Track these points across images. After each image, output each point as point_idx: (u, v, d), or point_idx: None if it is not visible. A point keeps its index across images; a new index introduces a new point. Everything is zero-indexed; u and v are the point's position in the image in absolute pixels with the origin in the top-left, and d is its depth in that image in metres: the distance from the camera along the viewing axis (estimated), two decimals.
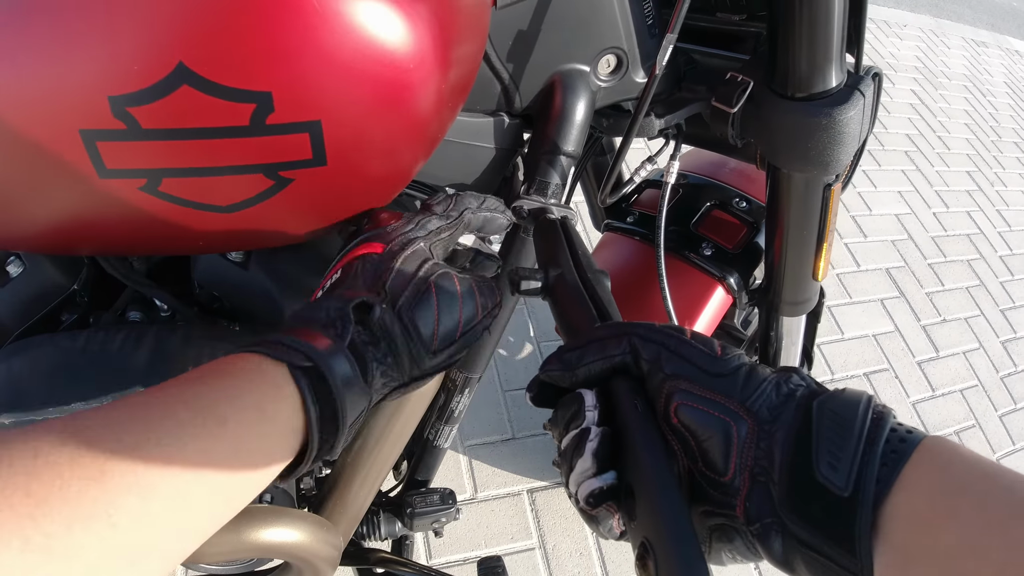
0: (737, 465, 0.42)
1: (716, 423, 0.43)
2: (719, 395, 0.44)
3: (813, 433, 0.40)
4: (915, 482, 0.37)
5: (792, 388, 0.44)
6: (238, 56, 0.43)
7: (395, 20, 0.46)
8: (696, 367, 0.45)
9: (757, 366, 0.45)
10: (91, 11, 0.43)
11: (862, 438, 0.39)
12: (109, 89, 0.44)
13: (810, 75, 0.71)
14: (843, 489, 0.38)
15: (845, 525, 0.38)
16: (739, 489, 0.42)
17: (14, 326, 0.73)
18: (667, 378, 0.45)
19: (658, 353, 0.46)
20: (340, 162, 0.51)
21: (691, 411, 0.44)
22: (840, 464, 0.39)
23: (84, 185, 0.50)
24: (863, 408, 0.41)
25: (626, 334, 0.47)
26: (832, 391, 0.43)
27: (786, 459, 0.41)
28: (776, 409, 0.43)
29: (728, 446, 0.43)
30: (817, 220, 0.88)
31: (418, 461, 1.19)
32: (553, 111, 0.74)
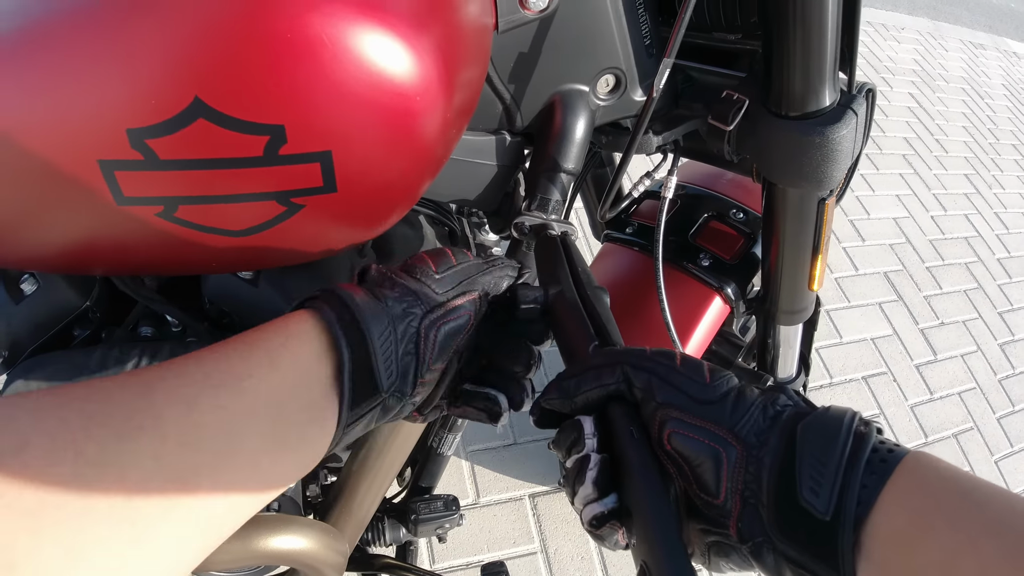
0: (728, 489, 0.44)
1: (706, 450, 0.45)
2: (708, 423, 0.46)
3: (796, 458, 0.42)
4: (894, 501, 0.39)
5: (779, 410, 0.46)
6: (252, 91, 0.45)
7: (401, 53, 0.48)
8: (686, 395, 0.47)
9: (745, 388, 0.47)
10: (111, 48, 0.45)
11: (842, 462, 0.41)
12: (128, 122, 0.46)
13: (804, 95, 0.72)
14: (824, 513, 0.40)
15: (829, 546, 0.40)
16: (731, 511, 0.44)
17: (29, 342, 0.75)
18: (659, 406, 0.47)
19: (649, 381, 0.48)
20: (349, 188, 0.53)
21: (682, 438, 0.46)
22: (821, 489, 0.40)
23: (101, 211, 0.52)
24: (844, 430, 0.42)
25: (619, 363, 0.50)
26: (817, 411, 0.45)
27: (772, 483, 0.43)
28: (763, 433, 0.45)
29: (719, 471, 0.45)
30: (812, 233, 0.90)
31: (422, 468, 1.20)
32: (553, 129, 0.76)
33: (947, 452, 2.46)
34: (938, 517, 0.37)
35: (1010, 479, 2.48)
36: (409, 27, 0.48)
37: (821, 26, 0.67)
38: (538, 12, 0.67)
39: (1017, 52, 5.98)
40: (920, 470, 0.40)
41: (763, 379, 1.28)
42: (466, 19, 0.58)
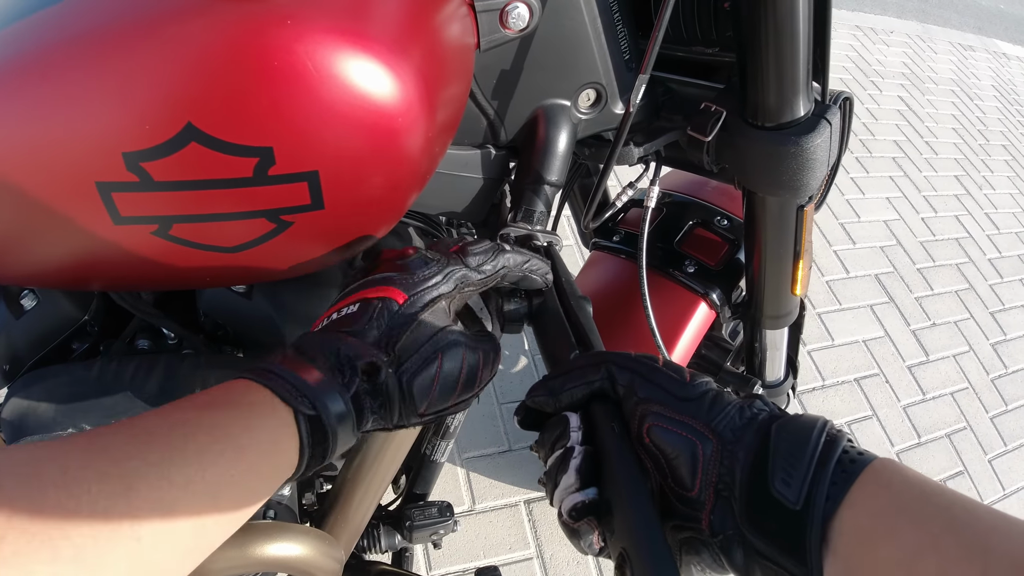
0: (702, 481, 0.46)
1: (684, 442, 0.47)
2: (687, 416, 0.48)
3: (770, 452, 0.44)
4: (861, 500, 0.41)
5: (755, 412, 0.48)
6: (241, 116, 0.48)
7: (383, 75, 0.51)
8: (667, 391, 0.49)
9: (723, 392, 0.50)
10: (108, 76, 0.47)
11: (814, 458, 0.43)
12: (123, 146, 0.48)
13: (778, 106, 0.75)
14: (795, 503, 0.42)
15: (797, 537, 0.42)
16: (704, 503, 0.46)
17: (29, 356, 0.77)
18: (640, 401, 0.49)
19: (632, 379, 0.51)
20: (337, 205, 0.55)
21: (661, 431, 0.48)
22: (793, 481, 0.43)
23: (99, 230, 0.54)
24: (817, 432, 0.45)
25: (604, 362, 0.52)
26: (791, 416, 0.47)
27: (745, 476, 0.45)
28: (739, 430, 0.47)
29: (694, 464, 0.47)
30: (792, 239, 0.92)
31: (416, 475, 1.22)
32: (537, 143, 0.78)
33: (940, 452, 2.48)
34: (902, 517, 0.39)
35: (1004, 478, 2.49)
36: (390, 51, 0.51)
37: (793, 39, 0.69)
38: (518, 31, 0.69)
39: (1007, 53, 6.01)
40: (886, 473, 0.42)
41: (751, 382, 1.30)
42: (447, 40, 0.61)
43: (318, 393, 0.49)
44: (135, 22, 0.47)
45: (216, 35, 0.46)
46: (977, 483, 2.44)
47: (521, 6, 0.68)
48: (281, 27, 0.46)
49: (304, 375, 0.50)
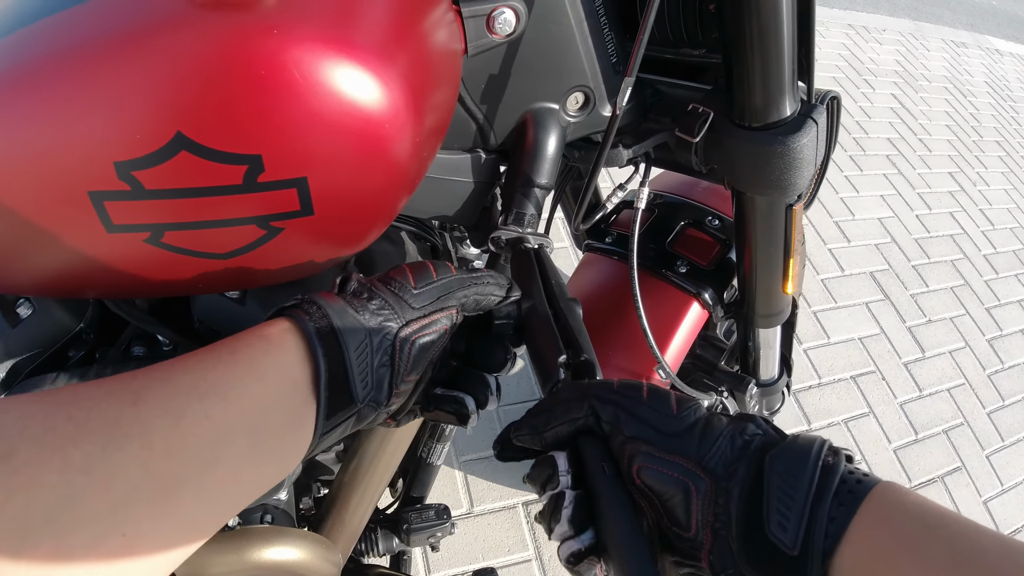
0: (699, 522, 0.45)
1: (676, 483, 0.46)
2: (677, 456, 0.46)
3: (764, 491, 0.43)
4: (861, 536, 0.40)
5: (747, 439, 0.46)
6: (230, 124, 0.48)
7: (369, 83, 0.51)
8: (652, 428, 0.48)
9: (713, 417, 0.48)
10: (98, 87, 0.48)
11: (809, 496, 0.42)
12: (115, 155, 0.49)
13: (764, 106, 0.75)
14: (792, 548, 0.41)
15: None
16: (703, 543, 0.45)
17: (25, 364, 0.77)
18: (627, 440, 0.48)
19: (616, 415, 0.49)
20: (326, 211, 0.56)
21: (652, 472, 0.47)
22: (789, 524, 0.41)
23: (92, 239, 0.55)
24: (812, 462, 0.43)
25: (586, 396, 0.50)
26: (786, 441, 0.46)
27: (741, 515, 0.44)
28: (732, 464, 0.45)
29: (689, 505, 0.45)
30: (782, 238, 0.93)
31: (413, 478, 1.23)
32: (526, 146, 0.79)
33: (938, 449, 2.48)
34: (903, 552, 0.38)
35: (1002, 474, 2.50)
36: (376, 58, 0.52)
37: (777, 40, 0.70)
38: (505, 36, 0.70)
39: (999, 49, 6.03)
40: (887, 504, 0.41)
41: (745, 381, 1.31)
42: (434, 46, 0.61)
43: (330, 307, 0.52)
44: (124, 34, 0.47)
45: (204, 45, 0.47)
46: (975, 479, 2.44)
47: (507, 11, 0.69)
48: (268, 37, 0.47)
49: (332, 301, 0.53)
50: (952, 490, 2.38)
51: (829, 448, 0.45)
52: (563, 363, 0.59)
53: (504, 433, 0.55)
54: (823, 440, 0.45)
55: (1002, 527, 2.34)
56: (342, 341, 0.51)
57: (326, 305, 0.52)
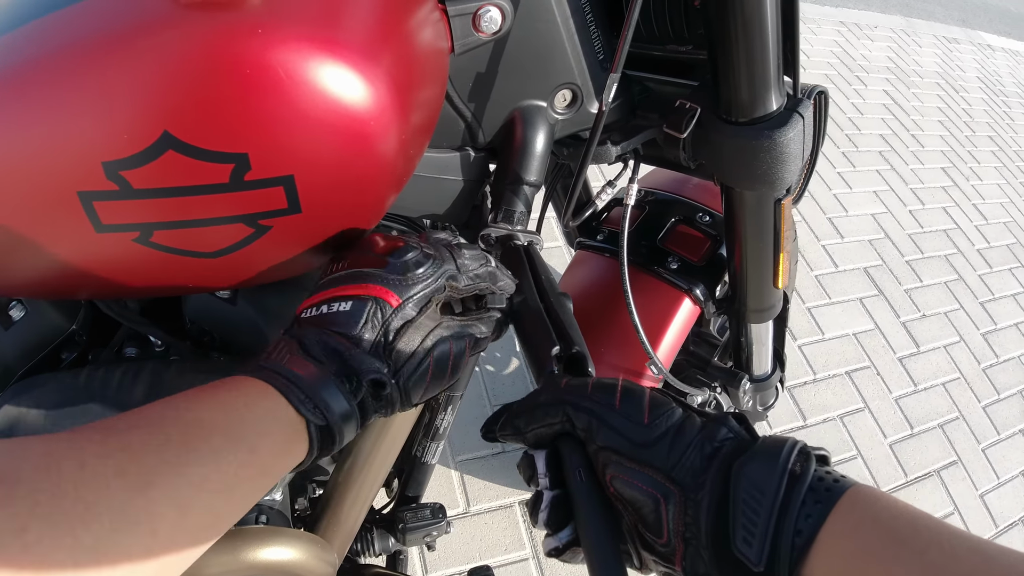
0: (670, 530, 0.46)
1: (646, 495, 0.47)
2: (646, 467, 0.47)
3: (730, 505, 0.43)
4: (830, 546, 0.40)
5: (716, 447, 0.47)
6: (216, 123, 0.49)
7: (354, 81, 0.52)
8: (624, 437, 0.48)
9: (685, 423, 0.49)
10: (86, 88, 0.48)
11: (773, 511, 0.42)
12: (103, 156, 0.49)
13: (751, 101, 0.76)
14: (757, 564, 0.41)
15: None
16: (675, 550, 0.46)
17: (19, 366, 0.77)
18: (600, 449, 0.49)
19: (589, 423, 0.50)
20: (313, 209, 0.56)
21: (623, 483, 0.48)
22: (754, 540, 0.41)
23: (82, 239, 0.55)
24: (779, 473, 0.43)
25: (561, 402, 0.51)
26: (755, 447, 0.46)
27: (709, 527, 0.44)
28: (700, 474, 0.46)
29: (659, 514, 0.46)
30: (771, 233, 0.94)
31: (408, 478, 1.23)
32: (515, 144, 0.79)
33: (933, 443, 2.49)
34: (873, 564, 0.38)
35: (998, 467, 2.51)
36: (360, 56, 0.52)
37: (762, 35, 0.71)
38: (492, 35, 0.71)
39: (991, 45, 6.05)
40: (857, 511, 0.40)
41: (738, 377, 1.32)
42: (420, 44, 0.62)
43: (330, 404, 0.52)
44: (110, 35, 0.48)
45: (189, 45, 0.47)
46: (971, 472, 2.45)
47: (493, 10, 0.69)
48: (252, 36, 0.48)
49: (313, 381, 0.52)
50: (948, 484, 2.38)
51: (799, 453, 0.44)
52: (556, 355, 0.60)
53: (491, 418, 0.57)
54: (793, 444, 0.45)
55: (999, 520, 2.35)
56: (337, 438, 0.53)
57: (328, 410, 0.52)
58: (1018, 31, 7.15)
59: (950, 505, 2.31)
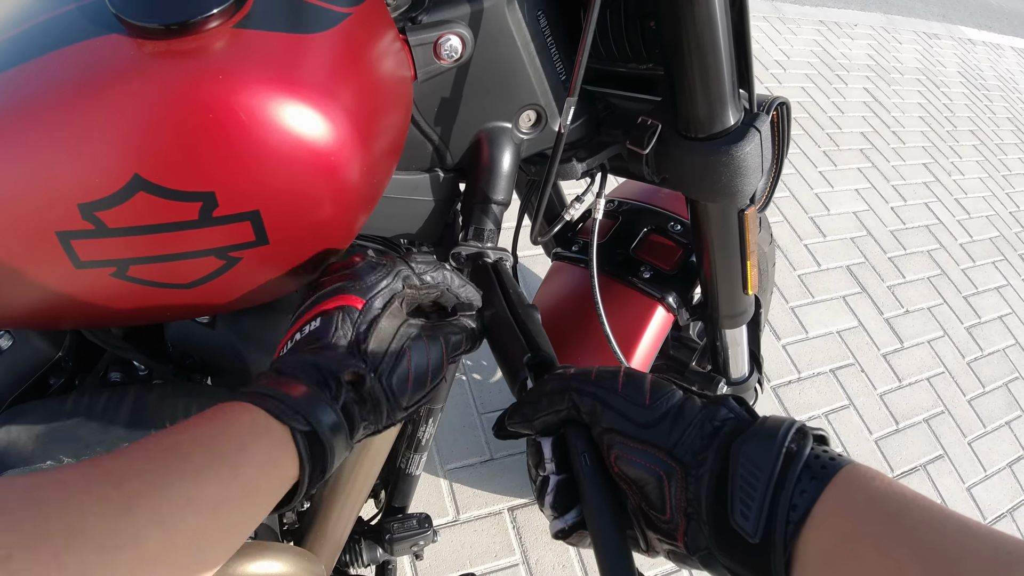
0: (672, 507, 0.48)
1: (649, 472, 0.49)
2: (649, 446, 0.49)
3: (729, 480, 0.45)
4: (824, 522, 0.41)
5: (717, 426, 0.49)
6: (183, 165, 0.52)
7: (313, 117, 0.54)
8: (627, 419, 0.51)
9: (687, 404, 0.51)
10: (59, 136, 0.51)
11: (770, 486, 0.43)
12: (78, 198, 0.52)
13: (708, 118, 0.79)
14: (753, 536, 0.43)
15: (763, 564, 0.43)
16: (677, 526, 0.48)
17: (8, 393, 0.80)
18: (604, 431, 0.51)
19: (593, 407, 0.52)
20: (281, 240, 0.59)
21: (627, 462, 0.50)
22: (751, 513, 0.43)
23: (62, 275, 0.58)
24: (776, 450, 0.45)
25: (566, 389, 0.54)
26: (754, 426, 0.48)
27: (709, 502, 0.46)
28: (701, 452, 0.48)
29: (662, 491, 0.48)
30: (737, 242, 0.96)
31: (393, 489, 1.25)
32: (482, 165, 0.82)
33: (919, 437, 2.52)
34: (865, 540, 0.39)
35: (985, 460, 2.54)
36: (319, 94, 0.55)
37: (715, 55, 0.73)
38: (453, 62, 0.73)
39: (972, 39, 6.10)
40: (851, 489, 0.42)
41: (715, 380, 1.34)
42: (381, 74, 0.64)
43: (309, 408, 0.53)
44: (80, 84, 0.50)
45: (155, 93, 0.50)
46: (958, 466, 2.48)
47: (453, 38, 0.72)
48: (214, 81, 0.50)
49: (292, 392, 0.53)
50: (935, 478, 2.41)
51: (797, 432, 0.46)
52: (527, 362, 0.63)
53: (502, 416, 0.59)
54: (791, 423, 0.46)
55: (987, 513, 2.38)
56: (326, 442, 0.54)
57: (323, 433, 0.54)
58: (998, 24, 7.22)
59: (937, 498, 2.32)
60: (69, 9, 0.56)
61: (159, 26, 0.50)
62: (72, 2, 0.56)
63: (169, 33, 0.51)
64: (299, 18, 0.57)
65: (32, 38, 0.55)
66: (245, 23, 0.53)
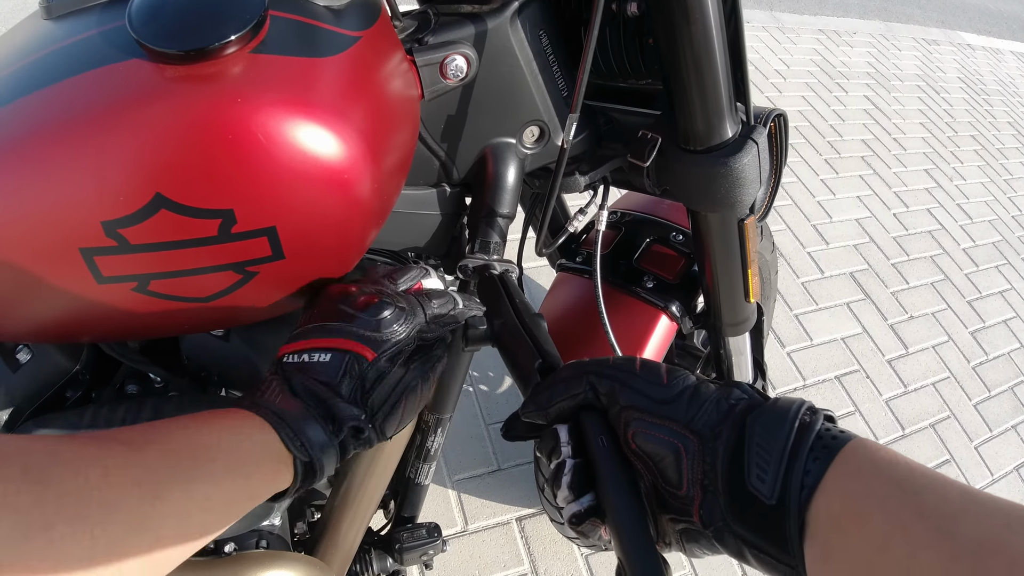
0: (689, 479, 0.50)
1: (667, 445, 0.50)
2: (667, 420, 0.51)
3: (745, 448, 0.47)
4: (834, 488, 0.43)
5: (732, 404, 0.51)
6: (203, 184, 0.54)
7: (327, 137, 0.57)
8: (646, 396, 0.52)
9: (701, 385, 0.53)
10: (85, 156, 0.53)
11: (785, 451, 0.45)
12: (102, 216, 0.54)
13: (706, 131, 0.81)
14: (769, 498, 0.45)
15: (777, 528, 0.44)
16: (693, 499, 0.49)
17: (26, 405, 0.82)
18: (623, 409, 0.53)
19: (612, 387, 0.54)
20: (296, 254, 0.61)
21: (645, 437, 0.51)
22: (767, 476, 0.45)
23: (84, 290, 0.60)
24: (790, 420, 0.47)
25: (584, 372, 0.56)
26: (767, 403, 0.50)
27: (725, 470, 0.48)
28: (717, 426, 0.50)
29: (679, 464, 0.50)
30: (738, 251, 0.98)
31: (403, 499, 1.27)
32: (487, 179, 0.84)
33: (925, 442, 2.52)
34: (871, 502, 0.41)
35: (992, 463, 2.53)
36: (332, 115, 0.57)
37: (712, 69, 0.75)
38: (459, 81, 0.76)
39: (971, 44, 6.11)
40: (859, 458, 0.44)
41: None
42: (389, 94, 0.67)
43: (315, 445, 0.58)
44: (104, 107, 0.53)
45: (176, 116, 0.53)
46: (964, 470, 2.48)
47: (459, 58, 0.74)
48: (232, 105, 0.53)
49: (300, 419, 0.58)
50: None
51: (808, 409, 0.48)
52: (539, 367, 0.65)
53: (512, 414, 0.61)
54: (803, 401, 0.48)
55: None
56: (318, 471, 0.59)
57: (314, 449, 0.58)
58: (998, 29, 7.24)
59: None
60: (91, 34, 0.58)
61: (179, 52, 0.53)
62: (93, 28, 0.59)
63: (189, 58, 0.53)
64: (312, 43, 0.59)
65: (56, 61, 0.58)
66: (261, 48, 0.56)
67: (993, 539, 0.36)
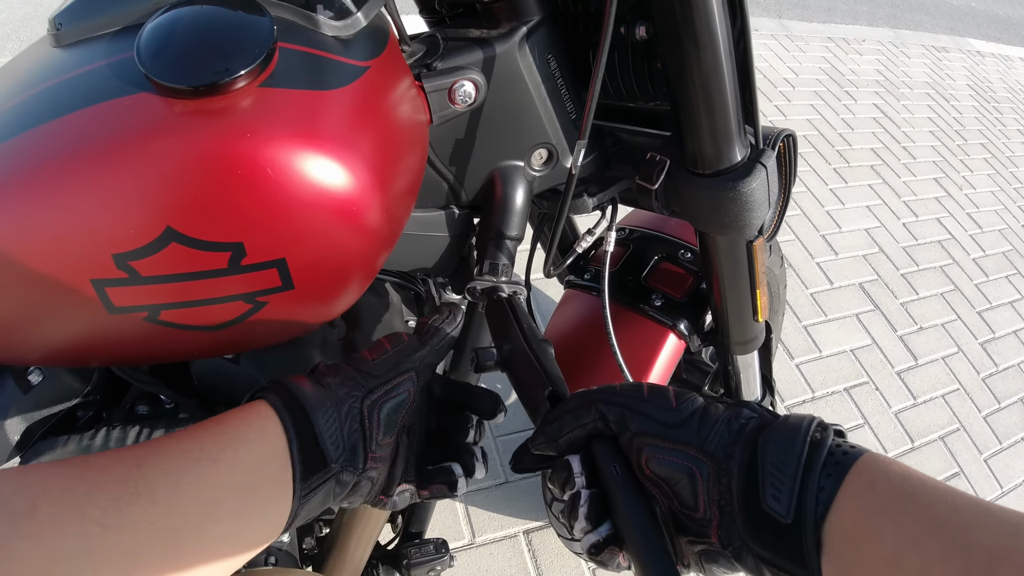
0: (705, 501, 0.50)
1: (681, 469, 0.51)
2: (679, 444, 0.51)
3: (759, 468, 0.48)
4: (848, 503, 0.44)
5: (743, 423, 0.51)
6: (213, 218, 0.54)
7: (335, 168, 0.57)
8: (656, 421, 0.53)
9: (710, 406, 0.53)
10: (96, 189, 0.53)
11: (798, 470, 0.46)
12: (113, 248, 0.55)
13: (715, 155, 0.80)
14: (785, 517, 0.45)
15: (795, 545, 0.45)
16: (711, 520, 0.50)
17: (38, 427, 0.82)
18: (634, 435, 0.53)
19: (621, 414, 0.54)
20: (306, 284, 0.62)
21: (659, 462, 0.52)
22: (782, 496, 0.46)
23: (96, 319, 0.60)
24: (801, 439, 0.48)
25: (593, 401, 0.56)
26: (777, 421, 0.51)
27: (741, 491, 0.48)
28: (730, 447, 0.50)
29: (695, 487, 0.50)
30: (747, 272, 0.98)
31: (411, 515, 1.27)
32: (495, 202, 0.84)
33: (935, 455, 2.51)
34: (883, 517, 0.42)
35: (1001, 476, 2.52)
36: (339, 146, 0.58)
37: (720, 94, 0.75)
38: (467, 106, 0.76)
39: (981, 51, 6.10)
40: (871, 473, 0.44)
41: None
42: (398, 120, 0.67)
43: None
44: (114, 141, 0.53)
45: (186, 150, 0.53)
46: (974, 483, 2.46)
47: (467, 84, 0.74)
48: (241, 140, 0.53)
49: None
50: None
51: (818, 425, 0.49)
52: (548, 395, 0.64)
53: (521, 446, 0.61)
54: (812, 418, 0.49)
55: None
56: (309, 410, 0.57)
57: (292, 385, 0.59)
58: (1007, 35, 7.22)
59: None
60: (99, 65, 0.59)
61: (188, 88, 0.53)
62: (101, 59, 0.59)
63: (198, 93, 0.53)
64: (321, 75, 0.60)
65: (66, 92, 0.58)
66: (270, 82, 0.56)
67: (1003, 549, 0.37)
